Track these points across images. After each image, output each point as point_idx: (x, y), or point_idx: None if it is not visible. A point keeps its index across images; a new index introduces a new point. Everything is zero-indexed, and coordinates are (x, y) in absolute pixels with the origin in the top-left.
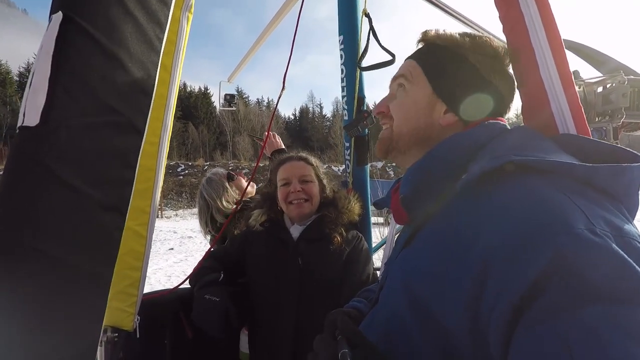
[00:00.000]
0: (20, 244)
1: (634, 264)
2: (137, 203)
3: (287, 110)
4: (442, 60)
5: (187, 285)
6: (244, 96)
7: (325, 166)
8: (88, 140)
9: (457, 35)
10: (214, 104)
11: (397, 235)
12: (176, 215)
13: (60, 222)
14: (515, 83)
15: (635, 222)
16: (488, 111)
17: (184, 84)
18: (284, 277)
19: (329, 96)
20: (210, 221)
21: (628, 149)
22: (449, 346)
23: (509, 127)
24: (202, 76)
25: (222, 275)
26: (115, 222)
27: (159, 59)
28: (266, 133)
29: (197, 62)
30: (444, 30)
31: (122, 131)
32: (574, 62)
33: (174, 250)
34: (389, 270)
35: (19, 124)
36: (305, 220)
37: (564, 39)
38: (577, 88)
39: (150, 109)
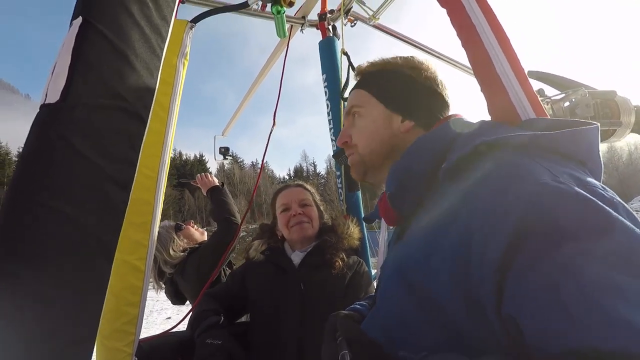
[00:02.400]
0: (38, 202)
1: (597, 200)
2: (135, 237)
3: (282, 170)
4: (384, 80)
5: (184, 326)
6: (239, 160)
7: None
8: (100, 118)
9: (389, 58)
10: (209, 170)
11: (388, 241)
12: None
13: (74, 186)
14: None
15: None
16: (440, 111)
17: (180, 153)
18: (286, 303)
19: (321, 155)
20: (159, 275)
21: (585, 120)
22: (449, 323)
23: (470, 121)
24: (197, 144)
25: (222, 318)
26: (121, 196)
27: (160, 64)
28: (198, 175)
29: (191, 131)
30: (374, 59)
31: (129, 116)
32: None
33: (171, 319)
34: (383, 271)
35: (40, 103)
36: (306, 244)
37: (529, 71)
38: (545, 106)
39: (152, 106)
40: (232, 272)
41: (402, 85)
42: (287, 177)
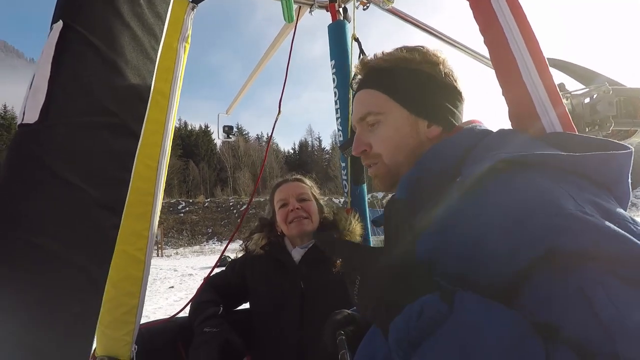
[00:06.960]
0: (17, 237)
1: (626, 234)
2: (134, 227)
3: (287, 144)
4: (404, 80)
5: (185, 313)
6: (244, 133)
7: (326, 198)
8: (84, 139)
9: (403, 52)
10: (215, 141)
11: None
12: (176, 253)
13: (56, 217)
14: (501, 89)
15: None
16: (459, 109)
17: (185, 123)
18: (286, 301)
19: (327, 130)
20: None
21: (617, 141)
22: None
23: (488, 128)
24: (202, 115)
25: (221, 309)
26: (111, 220)
27: (154, 68)
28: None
29: (196, 103)
30: (383, 52)
31: (117, 133)
32: (560, 76)
33: (174, 289)
34: None
35: (18, 122)
36: (306, 240)
37: (549, 58)
38: (564, 100)
39: (146, 116)
40: (233, 261)
41: (424, 86)
42: (291, 151)
